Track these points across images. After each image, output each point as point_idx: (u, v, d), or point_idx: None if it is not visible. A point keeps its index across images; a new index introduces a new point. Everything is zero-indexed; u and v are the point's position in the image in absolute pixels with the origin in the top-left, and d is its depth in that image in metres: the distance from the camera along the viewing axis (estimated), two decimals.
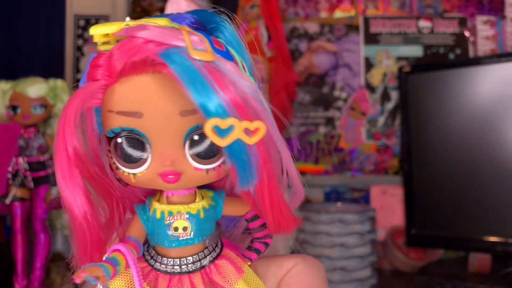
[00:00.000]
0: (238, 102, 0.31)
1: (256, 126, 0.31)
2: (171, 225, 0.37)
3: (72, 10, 1.36)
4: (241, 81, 0.33)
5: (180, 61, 0.31)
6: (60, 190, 0.37)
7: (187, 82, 0.31)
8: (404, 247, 1.12)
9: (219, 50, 0.35)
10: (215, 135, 0.31)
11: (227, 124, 0.31)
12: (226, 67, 0.33)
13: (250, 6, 1.23)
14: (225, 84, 0.31)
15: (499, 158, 0.99)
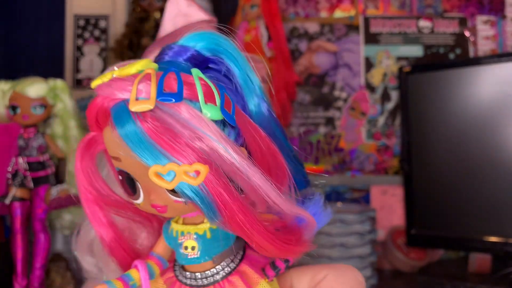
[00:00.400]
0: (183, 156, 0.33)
1: (196, 169, 0.33)
2: (182, 244, 0.41)
3: (72, 10, 1.36)
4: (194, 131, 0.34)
5: (124, 123, 0.34)
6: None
7: (132, 147, 0.34)
8: (404, 247, 1.12)
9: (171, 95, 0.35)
10: (161, 180, 0.34)
11: (166, 169, 0.33)
12: (180, 115, 0.34)
13: (250, 6, 1.23)
14: (171, 146, 0.33)
15: (499, 158, 0.99)
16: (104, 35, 1.37)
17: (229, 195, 0.35)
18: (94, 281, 0.72)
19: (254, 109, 0.40)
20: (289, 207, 0.38)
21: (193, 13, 0.71)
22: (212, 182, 0.34)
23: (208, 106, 0.35)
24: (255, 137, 0.38)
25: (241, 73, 0.39)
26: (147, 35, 1.27)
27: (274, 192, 0.36)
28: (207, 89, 0.36)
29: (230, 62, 0.39)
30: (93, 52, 1.37)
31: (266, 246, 0.37)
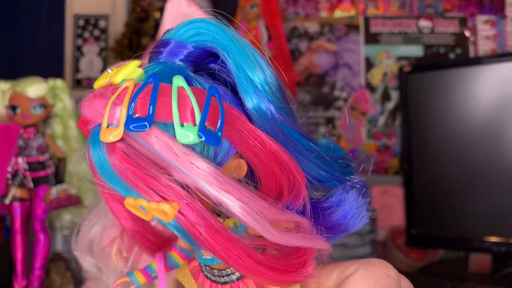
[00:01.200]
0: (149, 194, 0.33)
1: (162, 208, 0.32)
2: None
3: (71, 10, 1.36)
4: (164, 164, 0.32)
5: (97, 154, 0.33)
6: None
7: (106, 179, 0.33)
8: (404, 247, 1.12)
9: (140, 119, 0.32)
10: (138, 211, 0.34)
11: (138, 204, 0.33)
12: (149, 146, 0.32)
13: (250, 6, 1.23)
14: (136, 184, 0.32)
15: (500, 158, 0.99)
16: (104, 35, 1.36)
17: (205, 227, 0.33)
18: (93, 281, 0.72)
19: (252, 109, 0.36)
20: (279, 238, 0.34)
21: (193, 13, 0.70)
22: (183, 217, 0.33)
23: (183, 128, 0.32)
24: (255, 146, 0.35)
25: (238, 69, 0.36)
26: (147, 35, 1.27)
27: (255, 221, 0.33)
28: (187, 104, 0.33)
29: (226, 56, 0.36)
30: (93, 52, 1.36)
31: (253, 278, 0.36)
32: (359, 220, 0.39)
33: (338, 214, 0.39)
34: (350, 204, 0.39)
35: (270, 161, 0.35)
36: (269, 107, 0.36)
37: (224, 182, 0.32)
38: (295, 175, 0.36)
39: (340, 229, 0.39)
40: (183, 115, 0.33)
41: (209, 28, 0.36)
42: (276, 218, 0.34)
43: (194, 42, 0.36)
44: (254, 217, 0.32)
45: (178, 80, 0.34)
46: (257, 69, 0.36)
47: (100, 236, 0.66)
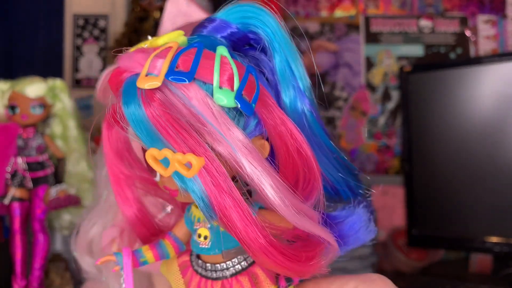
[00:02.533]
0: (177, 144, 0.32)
1: (188, 160, 0.31)
2: (197, 230, 0.39)
3: (71, 10, 1.36)
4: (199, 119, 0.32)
5: (130, 102, 0.33)
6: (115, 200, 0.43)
7: (134, 127, 0.33)
8: (405, 247, 1.12)
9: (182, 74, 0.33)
10: (158, 165, 0.33)
11: (162, 155, 0.32)
12: (186, 99, 0.32)
13: None
14: (168, 132, 0.32)
15: (501, 158, 0.98)
16: (104, 34, 1.36)
17: (225, 195, 0.32)
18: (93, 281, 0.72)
19: (288, 102, 0.37)
20: (299, 221, 0.34)
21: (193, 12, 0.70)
22: (207, 177, 0.32)
23: (221, 91, 0.33)
24: (282, 131, 0.35)
25: (280, 60, 0.36)
26: (146, 34, 1.27)
27: (281, 201, 0.33)
28: (227, 70, 0.33)
29: (271, 45, 0.36)
30: (92, 52, 1.36)
31: (261, 259, 0.34)
32: (366, 233, 0.40)
33: (346, 224, 0.39)
34: (359, 216, 0.39)
35: (293, 149, 0.35)
36: (304, 102, 0.37)
37: (254, 154, 0.32)
38: (313, 170, 0.35)
39: (347, 240, 0.39)
40: (222, 79, 0.33)
41: (259, 13, 0.36)
42: (295, 205, 0.34)
43: (240, 24, 0.36)
44: (280, 196, 0.32)
45: (222, 49, 0.34)
46: (299, 64, 0.38)
47: (99, 236, 0.66)
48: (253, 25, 0.36)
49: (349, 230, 0.39)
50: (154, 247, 0.41)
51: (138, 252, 0.40)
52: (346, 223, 0.39)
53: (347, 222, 0.39)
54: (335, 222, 0.39)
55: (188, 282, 0.40)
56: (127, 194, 0.42)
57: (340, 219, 0.39)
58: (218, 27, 0.37)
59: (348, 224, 0.39)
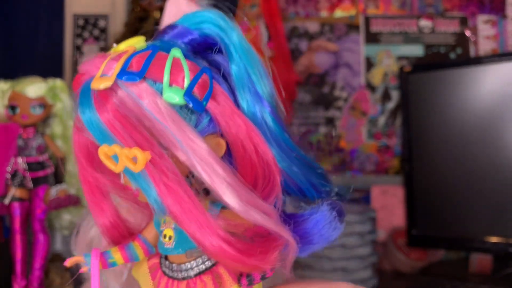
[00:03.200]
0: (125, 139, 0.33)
1: (134, 154, 0.32)
2: (163, 231, 0.40)
3: (71, 9, 1.36)
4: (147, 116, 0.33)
5: (83, 99, 0.34)
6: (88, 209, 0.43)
7: (86, 124, 0.34)
8: (405, 247, 1.12)
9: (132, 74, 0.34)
10: (109, 161, 0.34)
11: (112, 151, 0.33)
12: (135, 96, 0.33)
13: (250, 6, 1.23)
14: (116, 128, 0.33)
15: (500, 158, 0.98)
16: (104, 34, 1.36)
17: (175, 191, 0.33)
18: None
19: (245, 105, 0.37)
20: (255, 219, 0.34)
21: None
22: (155, 172, 0.33)
23: (171, 89, 0.34)
24: (238, 130, 0.36)
25: (236, 64, 0.37)
26: (147, 34, 1.27)
27: (234, 198, 0.33)
28: (178, 70, 0.35)
29: (227, 50, 0.37)
30: (92, 52, 1.36)
31: (216, 255, 0.35)
32: (331, 231, 0.39)
33: (310, 222, 0.39)
34: (323, 214, 0.39)
35: (249, 148, 0.36)
36: (263, 105, 0.38)
37: (204, 152, 0.33)
38: (271, 169, 0.36)
39: (312, 239, 0.39)
40: (173, 77, 0.34)
41: (215, 19, 0.38)
42: (251, 202, 0.34)
43: (199, 30, 0.38)
44: (234, 194, 0.33)
45: (175, 51, 0.36)
46: (258, 70, 0.38)
47: (99, 236, 0.66)
48: (208, 30, 0.38)
49: (313, 228, 0.39)
50: (123, 249, 0.41)
51: (107, 253, 0.41)
52: (310, 221, 0.39)
53: (311, 220, 0.39)
54: (299, 220, 0.39)
55: (157, 284, 0.40)
56: (100, 200, 0.42)
57: (304, 218, 0.39)
58: (179, 33, 0.38)
59: (311, 222, 0.39)
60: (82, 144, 0.39)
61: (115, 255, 0.41)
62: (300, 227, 0.39)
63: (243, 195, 0.34)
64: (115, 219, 0.43)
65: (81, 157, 0.39)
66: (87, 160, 0.40)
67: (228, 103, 0.36)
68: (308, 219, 0.39)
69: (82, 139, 0.39)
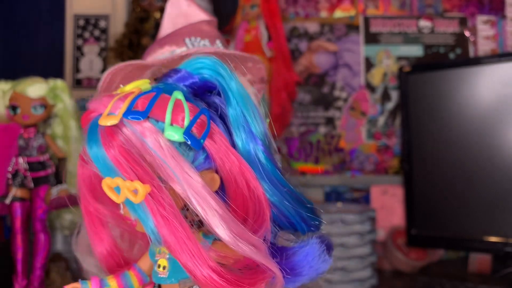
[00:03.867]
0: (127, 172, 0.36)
1: (135, 187, 0.35)
2: (157, 261, 0.42)
3: (72, 10, 1.36)
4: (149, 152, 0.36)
5: (91, 135, 0.37)
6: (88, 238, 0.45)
7: (93, 159, 0.37)
8: (405, 247, 1.12)
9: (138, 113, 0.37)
10: (112, 192, 0.36)
11: (114, 183, 0.36)
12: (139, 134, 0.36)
13: (250, 6, 1.23)
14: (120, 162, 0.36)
15: (500, 158, 0.99)
16: (104, 35, 1.37)
17: (171, 223, 0.35)
18: None
19: (240, 143, 0.41)
20: (245, 251, 0.36)
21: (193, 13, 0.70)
22: (154, 204, 0.35)
23: (172, 128, 0.37)
24: (231, 166, 0.39)
25: (233, 107, 0.40)
26: (147, 35, 1.27)
27: (226, 232, 0.36)
28: (179, 110, 0.38)
29: (224, 94, 0.41)
30: (93, 52, 1.36)
31: (205, 284, 0.36)
32: (320, 263, 0.41)
33: (299, 255, 0.41)
34: (312, 247, 0.41)
35: (241, 183, 0.39)
36: (256, 143, 0.41)
37: (200, 186, 0.36)
38: (261, 204, 0.39)
39: (301, 271, 0.41)
40: (174, 117, 0.37)
41: (213, 65, 0.41)
42: (242, 236, 0.37)
43: (200, 75, 0.41)
44: (225, 227, 0.36)
45: (177, 93, 0.39)
46: (252, 111, 0.41)
47: None
48: (208, 76, 0.41)
49: (302, 260, 0.41)
50: (118, 277, 0.43)
51: (103, 281, 0.43)
52: (300, 253, 0.41)
53: (300, 253, 0.41)
54: (289, 252, 0.41)
55: None
56: (100, 230, 0.45)
57: (294, 250, 0.41)
58: (182, 76, 0.42)
59: (301, 254, 0.41)
60: (86, 176, 0.42)
61: (111, 282, 0.43)
62: (290, 260, 0.41)
63: (234, 228, 0.36)
64: (112, 248, 0.45)
65: (84, 188, 0.43)
66: (89, 191, 0.43)
67: (223, 141, 0.39)
68: (298, 252, 0.41)
69: (86, 171, 0.42)
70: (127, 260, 0.47)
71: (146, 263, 0.44)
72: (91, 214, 0.44)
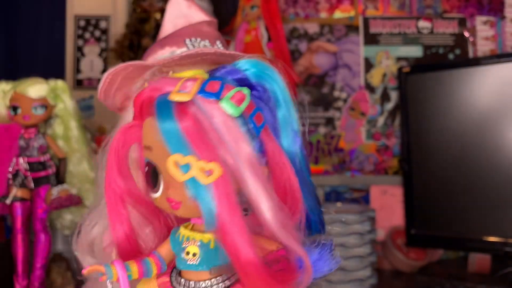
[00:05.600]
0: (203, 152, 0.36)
1: (211, 168, 0.35)
2: (185, 249, 0.41)
3: (72, 11, 1.37)
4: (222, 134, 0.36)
5: (163, 109, 0.37)
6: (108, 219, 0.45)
7: (164, 133, 0.36)
8: (404, 247, 1.12)
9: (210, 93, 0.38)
10: (176, 169, 0.36)
11: (185, 161, 0.35)
12: (212, 116, 0.37)
13: (250, 7, 1.23)
14: (196, 140, 0.36)
15: (499, 158, 0.99)
16: (105, 35, 1.37)
17: (231, 207, 0.35)
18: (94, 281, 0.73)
19: (286, 144, 0.42)
20: (286, 238, 0.37)
21: (193, 14, 0.71)
22: (221, 187, 0.35)
23: (238, 110, 0.38)
24: (278, 161, 0.40)
25: (283, 110, 0.42)
26: (147, 35, 1.27)
27: (274, 218, 0.36)
28: (243, 98, 0.38)
29: (274, 94, 0.42)
30: (93, 53, 1.37)
31: (251, 278, 0.37)
32: (327, 265, 0.42)
33: (314, 254, 0.41)
34: (323, 249, 0.42)
35: (284, 178, 0.40)
36: (297, 143, 0.43)
37: (259, 170, 0.36)
38: (297, 199, 0.41)
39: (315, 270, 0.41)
40: (239, 104, 0.38)
41: (270, 71, 0.42)
42: (285, 224, 0.37)
43: (248, 73, 0.42)
44: (274, 213, 0.36)
45: (244, 88, 0.40)
46: (295, 110, 0.43)
47: (101, 236, 0.66)
48: (265, 81, 0.42)
49: (317, 259, 0.42)
50: (139, 262, 0.42)
51: (125, 265, 0.42)
52: (313, 253, 0.42)
53: (315, 252, 0.42)
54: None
55: None
56: (122, 211, 0.44)
57: (308, 249, 0.42)
58: (231, 71, 0.42)
59: (316, 253, 0.42)
60: (122, 154, 0.42)
61: (132, 267, 0.42)
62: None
63: (280, 216, 0.37)
64: (130, 232, 0.44)
65: (115, 162, 0.42)
66: (118, 166, 0.42)
67: (273, 137, 0.41)
68: (312, 251, 0.41)
69: (124, 148, 0.42)
70: (141, 248, 0.46)
71: (166, 251, 0.43)
72: (114, 193, 0.43)
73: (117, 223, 0.44)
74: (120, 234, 0.44)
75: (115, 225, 0.44)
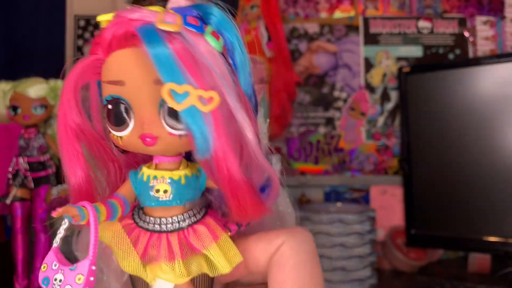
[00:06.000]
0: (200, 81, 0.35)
1: (210, 96, 0.34)
2: (153, 187, 0.40)
3: (72, 11, 1.36)
4: (211, 66, 0.36)
5: (154, 40, 0.35)
6: (61, 159, 0.42)
7: (157, 64, 0.35)
8: (404, 247, 1.12)
9: (195, 26, 0.37)
10: (172, 99, 0.35)
11: (182, 89, 0.34)
12: (198, 48, 0.36)
13: (250, 7, 1.23)
14: (192, 68, 0.35)
15: (499, 158, 0.99)
16: None
17: (227, 135, 0.36)
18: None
19: (244, 87, 0.41)
20: (265, 163, 0.39)
21: None
22: (218, 116, 0.35)
23: (218, 43, 0.38)
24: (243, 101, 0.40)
25: (239, 52, 0.41)
26: None
27: (256, 143, 0.38)
28: (218, 36, 0.39)
29: (232, 40, 0.41)
30: None
31: (245, 200, 0.38)
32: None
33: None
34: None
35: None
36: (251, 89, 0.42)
37: (244, 99, 0.38)
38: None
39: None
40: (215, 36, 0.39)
41: (221, 14, 0.41)
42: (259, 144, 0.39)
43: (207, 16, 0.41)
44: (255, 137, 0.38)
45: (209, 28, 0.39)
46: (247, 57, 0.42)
47: None
48: (223, 28, 0.41)
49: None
50: (106, 204, 0.40)
51: (96, 208, 0.40)
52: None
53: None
54: None
55: (134, 242, 0.40)
56: (78, 148, 0.41)
57: None
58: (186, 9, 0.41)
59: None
60: (76, 92, 0.40)
61: (101, 208, 0.40)
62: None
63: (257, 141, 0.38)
64: (88, 174, 0.42)
65: (71, 96, 0.40)
66: (74, 108, 0.40)
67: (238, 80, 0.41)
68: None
69: (77, 88, 0.40)
70: (96, 193, 0.43)
71: (127, 192, 0.42)
72: (71, 128, 0.40)
73: (75, 165, 0.42)
74: (79, 177, 0.42)
75: (73, 167, 0.42)
